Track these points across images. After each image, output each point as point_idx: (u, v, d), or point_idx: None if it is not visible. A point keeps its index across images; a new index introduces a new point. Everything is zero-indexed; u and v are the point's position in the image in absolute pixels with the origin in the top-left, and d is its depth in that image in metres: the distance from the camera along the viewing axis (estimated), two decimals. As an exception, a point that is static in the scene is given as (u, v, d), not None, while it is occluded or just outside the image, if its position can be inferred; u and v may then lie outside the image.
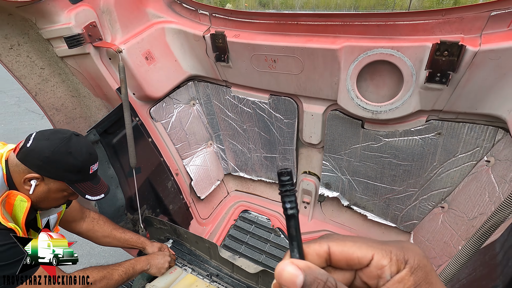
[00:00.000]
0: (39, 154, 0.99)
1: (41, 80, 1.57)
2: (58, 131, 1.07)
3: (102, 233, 1.45)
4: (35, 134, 1.03)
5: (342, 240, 0.32)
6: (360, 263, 0.30)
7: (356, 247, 0.31)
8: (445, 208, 1.56)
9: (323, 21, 1.46)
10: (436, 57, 1.22)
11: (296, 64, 1.57)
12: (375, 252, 0.30)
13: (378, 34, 1.36)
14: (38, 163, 0.99)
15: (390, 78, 1.41)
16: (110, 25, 1.59)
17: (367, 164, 1.77)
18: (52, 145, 1.01)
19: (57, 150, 1.01)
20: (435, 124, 1.44)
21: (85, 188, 1.10)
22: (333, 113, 1.70)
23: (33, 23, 1.44)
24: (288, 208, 0.31)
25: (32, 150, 0.99)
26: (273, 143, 2.11)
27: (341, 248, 0.31)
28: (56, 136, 1.03)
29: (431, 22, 1.25)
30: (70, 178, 1.05)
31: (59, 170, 1.02)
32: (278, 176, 0.32)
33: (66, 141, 1.03)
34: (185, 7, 1.79)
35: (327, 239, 0.32)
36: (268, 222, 2.34)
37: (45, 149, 0.99)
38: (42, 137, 1.02)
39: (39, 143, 1.00)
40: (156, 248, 1.55)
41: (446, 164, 1.50)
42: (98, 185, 1.16)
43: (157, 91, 1.82)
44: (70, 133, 1.07)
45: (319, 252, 0.31)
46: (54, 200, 1.09)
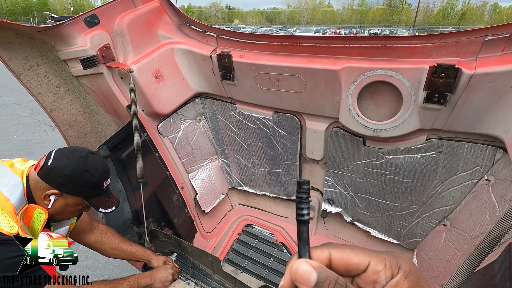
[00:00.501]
0: (59, 172, 1.06)
1: (56, 97, 1.66)
2: (76, 149, 1.14)
3: (110, 245, 1.50)
4: (54, 153, 1.10)
5: (342, 247, 0.35)
6: (357, 269, 0.33)
7: (354, 254, 0.34)
8: (448, 226, 1.56)
9: (324, 43, 1.53)
10: (433, 79, 1.26)
11: (299, 83, 1.63)
12: (371, 259, 0.33)
13: (377, 56, 1.42)
14: (59, 180, 1.06)
15: (390, 97, 1.46)
16: (123, 47, 1.68)
17: (369, 180, 1.79)
18: (71, 163, 1.08)
19: (76, 168, 1.08)
20: (435, 143, 1.46)
21: (99, 202, 1.17)
22: (335, 130, 1.74)
23: (51, 46, 1.54)
24: (305, 214, 0.35)
25: (53, 168, 1.06)
26: (277, 158, 2.15)
27: (340, 254, 0.34)
28: (75, 155, 1.10)
29: (428, 46, 1.30)
30: (86, 193, 1.13)
31: (77, 186, 1.09)
32: (299, 185, 0.35)
33: (84, 160, 1.11)
34: (194, 29, 1.89)
35: (328, 246, 0.35)
36: (272, 237, 2.35)
37: (66, 168, 1.06)
38: (61, 156, 1.09)
39: (59, 162, 1.07)
40: (161, 261, 1.58)
41: (447, 182, 1.52)
42: (110, 198, 1.23)
43: (165, 108, 1.89)
44: (87, 151, 1.15)
45: (320, 258, 0.34)
46: (70, 213, 1.16)
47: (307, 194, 0.35)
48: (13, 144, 5.59)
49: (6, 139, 5.82)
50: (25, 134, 6.03)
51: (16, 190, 1.01)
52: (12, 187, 1.01)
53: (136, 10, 1.71)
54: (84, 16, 1.51)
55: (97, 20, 1.55)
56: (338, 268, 0.34)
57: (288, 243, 2.28)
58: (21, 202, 1.02)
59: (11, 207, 0.97)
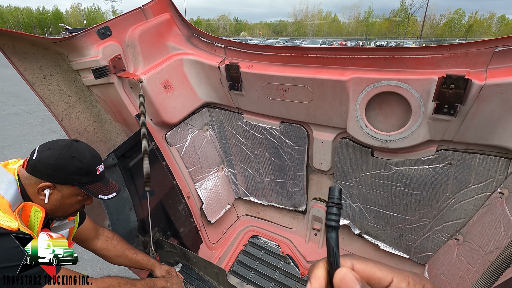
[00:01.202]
0: (45, 163, 1.05)
1: (67, 106, 1.69)
2: (58, 140, 1.13)
3: (115, 253, 1.49)
4: (38, 147, 1.10)
5: (365, 260, 0.34)
6: (380, 284, 0.33)
7: (378, 269, 0.33)
8: (460, 241, 1.52)
9: (331, 54, 1.54)
10: (443, 90, 1.25)
11: (306, 93, 1.64)
12: (394, 275, 0.33)
13: (385, 67, 1.42)
14: (47, 171, 1.05)
15: (398, 108, 1.45)
16: (133, 57, 1.72)
17: (378, 192, 1.76)
18: (55, 153, 1.07)
19: (61, 156, 1.07)
20: (445, 154, 1.44)
21: (97, 189, 1.15)
22: (342, 140, 1.73)
23: (65, 56, 1.58)
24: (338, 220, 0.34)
25: (39, 161, 1.05)
26: (284, 169, 2.14)
27: (364, 267, 0.33)
28: (58, 145, 1.10)
29: (437, 57, 1.30)
30: (79, 180, 1.10)
31: (67, 174, 1.08)
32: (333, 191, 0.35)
33: (68, 147, 1.10)
34: (203, 40, 1.93)
35: (351, 257, 0.35)
36: (278, 249, 2.31)
37: (50, 158, 1.06)
38: (45, 148, 1.09)
39: (43, 154, 1.06)
40: (164, 271, 1.57)
41: (458, 194, 1.48)
42: (108, 185, 1.21)
43: (173, 117, 1.91)
44: (70, 140, 1.14)
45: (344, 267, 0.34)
46: (69, 205, 1.14)
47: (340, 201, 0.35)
48: (23, 152, 5.69)
49: (18, 147, 5.94)
50: (35, 143, 6.14)
51: (10, 187, 1.01)
52: (6, 185, 1.01)
53: (147, 22, 1.76)
54: (97, 28, 1.55)
55: (110, 31, 1.60)
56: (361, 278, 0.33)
57: (294, 255, 2.23)
58: (17, 199, 1.01)
59: (7, 204, 0.97)
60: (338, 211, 0.34)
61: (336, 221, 0.34)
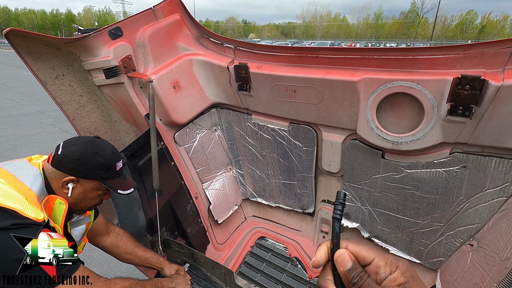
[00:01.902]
0: (70, 158, 1.10)
1: (79, 106, 1.71)
2: (81, 136, 1.19)
3: (125, 250, 1.51)
4: (62, 143, 1.15)
5: (357, 243, 0.47)
6: (364, 261, 0.45)
7: (365, 250, 0.46)
8: (474, 246, 1.47)
9: (342, 55, 1.52)
10: (457, 91, 1.22)
11: (316, 94, 1.62)
12: (376, 256, 0.45)
13: (397, 67, 1.39)
14: (71, 165, 1.10)
15: (410, 109, 1.42)
16: (144, 58, 1.73)
17: (389, 195, 1.72)
18: (79, 148, 1.12)
19: (85, 152, 1.11)
20: (459, 157, 1.40)
21: (116, 184, 1.20)
22: (352, 142, 1.71)
23: (77, 56, 1.60)
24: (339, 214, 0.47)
25: (64, 155, 1.10)
26: (292, 170, 2.12)
27: (354, 247, 0.46)
28: (81, 141, 1.15)
29: (451, 57, 1.27)
30: (101, 175, 1.15)
31: (91, 169, 1.12)
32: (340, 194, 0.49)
33: (91, 143, 1.15)
34: (212, 41, 1.93)
35: (346, 240, 0.47)
36: (285, 251, 2.29)
37: (75, 153, 1.10)
38: (69, 144, 1.14)
39: (68, 149, 1.11)
40: (174, 270, 1.57)
41: (473, 199, 1.44)
42: (126, 181, 1.25)
43: (182, 118, 1.92)
44: (93, 137, 1.19)
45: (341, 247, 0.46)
46: (90, 199, 1.19)
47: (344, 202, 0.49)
48: (35, 151, 5.82)
49: (30, 146, 6.07)
50: (47, 142, 6.27)
51: (36, 180, 1.05)
52: (32, 177, 1.05)
53: (157, 23, 1.77)
54: (109, 28, 1.57)
55: (121, 32, 1.61)
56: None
57: (302, 258, 2.21)
58: (42, 192, 1.05)
59: (34, 196, 1.00)
60: (342, 208, 0.48)
61: (340, 215, 0.47)
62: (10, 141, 6.28)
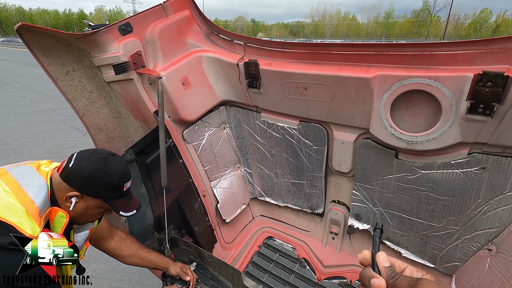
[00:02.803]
0: (79, 173, 1.05)
1: (88, 102, 1.71)
2: (96, 151, 1.14)
3: (128, 252, 1.50)
4: (76, 155, 1.10)
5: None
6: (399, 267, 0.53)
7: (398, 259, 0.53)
8: (493, 251, 1.41)
9: (355, 51, 1.48)
10: (478, 88, 1.16)
11: (327, 92, 1.58)
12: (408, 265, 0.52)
13: (414, 63, 1.34)
14: (79, 182, 1.06)
15: (427, 107, 1.36)
16: (153, 54, 1.72)
17: (402, 196, 1.67)
18: (91, 165, 1.07)
19: (96, 170, 1.07)
20: (478, 158, 1.34)
21: (119, 205, 1.16)
22: (365, 141, 1.66)
23: (87, 52, 1.60)
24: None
25: (74, 170, 1.06)
26: (301, 170, 2.08)
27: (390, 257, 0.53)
28: (95, 157, 1.10)
29: (472, 52, 1.21)
30: (106, 195, 1.11)
31: (97, 188, 1.09)
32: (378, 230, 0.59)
33: (104, 161, 1.10)
34: (222, 38, 1.91)
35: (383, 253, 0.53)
36: (293, 251, 2.26)
37: (86, 169, 1.06)
38: (82, 157, 1.09)
39: (80, 163, 1.07)
40: (178, 268, 1.57)
41: (492, 202, 1.38)
42: (131, 202, 1.22)
43: (191, 115, 1.90)
44: (107, 153, 1.14)
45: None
46: (91, 215, 1.16)
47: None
48: (47, 148, 5.92)
49: (42, 142, 6.19)
50: (58, 139, 6.38)
51: (41, 192, 1.02)
52: (37, 189, 1.02)
53: (167, 19, 1.75)
54: (119, 24, 1.56)
55: (131, 28, 1.60)
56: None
57: (310, 259, 2.17)
58: (45, 204, 1.02)
59: (36, 209, 0.97)
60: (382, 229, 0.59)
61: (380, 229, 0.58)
62: (23, 138, 6.42)
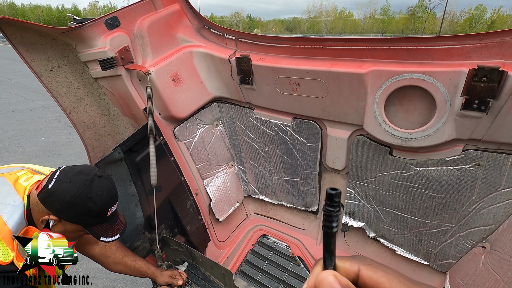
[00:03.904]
0: (59, 198, 0.97)
1: (75, 99, 1.66)
2: (81, 171, 1.04)
3: (114, 260, 1.45)
4: (58, 174, 1.01)
5: (374, 267, 0.33)
6: None
7: (386, 279, 0.32)
8: (487, 249, 1.39)
9: (349, 46, 1.44)
10: (473, 83, 1.13)
11: (321, 87, 1.54)
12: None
13: (408, 58, 1.31)
14: (57, 206, 0.98)
15: (421, 103, 1.34)
16: (142, 49, 1.67)
17: (396, 193, 1.65)
18: (73, 189, 0.98)
19: (77, 195, 0.98)
20: (473, 154, 1.32)
21: (101, 230, 1.09)
22: (359, 138, 1.63)
23: (73, 47, 1.55)
24: (334, 227, 0.33)
25: (53, 192, 0.97)
26: (295, 167, 2.05)
27: (371, 274, 0.33)
28: (79, 179, 1.01)
29: (467, 47, 1.18)
30: (87, 221, 1.04)
31: (78, 214, 1.01)
32: (330, 196, 0.33)
33: (88, 185, 1.01)
34: (213, 32, 1.86)
35: (359, 261, 0.34)
36: (288, 250, 2.23)
37: (66, 193, 0.97)
38: (64, 179, 1.00)
39: (60, 186, 0.98)
40: (167, 277, 1.52)
41: (487, 198, 1.36)
42: (115, 225, 1.13)
43: (182, 112, 1.86)
44: (93, 174, 1.05)
45: (348, 271, 0.33)
46: (70, 238, 1.10)
47: (338, 207, 0.33)
48: (40, 146, 5.84)
49: (35, 140, 6.09)
50: (52, 137, 6.29)
51: (15, 212, 0.96)
52: (11, 208, 0.96)
53: (156, 13, 1.70)
54: (105, 18, 1.51)
55: (118, 22, 1.55)
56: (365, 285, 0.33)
57: (305, 257, 2.15)
58: (20, 224, 0.97)
59: (8, 232, 0.92)
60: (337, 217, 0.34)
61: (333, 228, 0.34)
62: (15, 136, 6.32)
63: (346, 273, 0.33)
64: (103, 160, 1.48)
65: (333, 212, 0.33)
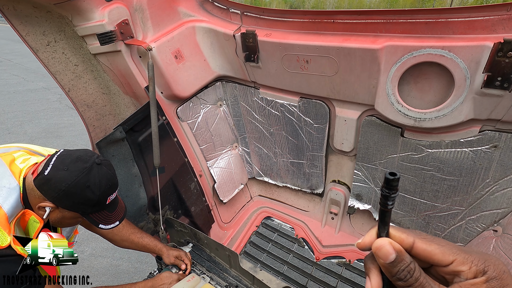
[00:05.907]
0: (55, 186, 0.93)
1: (74, 76, 1.60)
2: (79, 158, 0.99)
3: (121, 237, 1.45)
4: (54, 160, 0.96)
5: (429, 241, 0.36)
6: (439, 264, 0.35)
7: (439, 251, 0.35)
8: (499, 232, 1.36)
9: (362, 19, 1.35)
10: (497, 59, 1.06)
11: (331, 65, 1.46)
12: (457, 258, 0.34)
13: (426, 32, 1.22)
14: (54, 194, 0.94)
15: (437, 81, 1.26)
16: (142, 23, 1.58)
17: (406, 176, 1.60)
18: (70, 177, 0.94)
19: (74, 184, 0.94)
20: (490, 136, 1.26)
21: (99, 218, 1.06)
22: (368, 119, 1.57)
23: (69, 21, 1.47)
24: (389, 205, 0.37)
25: (49, 180, 0.93)
26: (301, 149, 2.00)
27: (425, 247, 0.36)
28: (76, 167, 0.96)
29: (492, 19, 1.09)
30: (85, 210, 1.01)
31: (75, 203, 0.98)
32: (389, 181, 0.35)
33: (86, 173, 0.96)
34: (217, 6, 1.76)
35: (415, 234, 0.37)
36: (292, 231, 2.23)
37: (62, 182, 0.93)
38: (61, 166, 0.95)
39: (57, 173, 0.93)
40: (172, 257, 1.51)
41: (502, 181, 1.31)
42: (114, 212, 1.10)
43: (185, 91, 1.79)
44: (92, 161, 0.99)
45: (403, 242, 0.36)
46: (67, 224, 1.08)
47: (395, 191, 0.36)
48: (42, 127, 5.81)
49: (37, 122, 6.06)
50: (53, 118, 6.25)
51: (11, 195, 0.93)
52: (7, 191, 0.92)
53: (156, -16, 1.60)
54: (102, -12, 1.42)
55: (116, -7, 1.46)
56: (418, 256, 0.36)
57: (309, 239, 2.15)
58: (17, 208, 0.94)
59: (3, 216, 0.89)
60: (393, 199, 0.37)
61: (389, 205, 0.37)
62: (17, 117, 6.28)
63: (401, 243, 0.36)
64: (104, 139, 1.44)
65: (390, 193, 0.36)
